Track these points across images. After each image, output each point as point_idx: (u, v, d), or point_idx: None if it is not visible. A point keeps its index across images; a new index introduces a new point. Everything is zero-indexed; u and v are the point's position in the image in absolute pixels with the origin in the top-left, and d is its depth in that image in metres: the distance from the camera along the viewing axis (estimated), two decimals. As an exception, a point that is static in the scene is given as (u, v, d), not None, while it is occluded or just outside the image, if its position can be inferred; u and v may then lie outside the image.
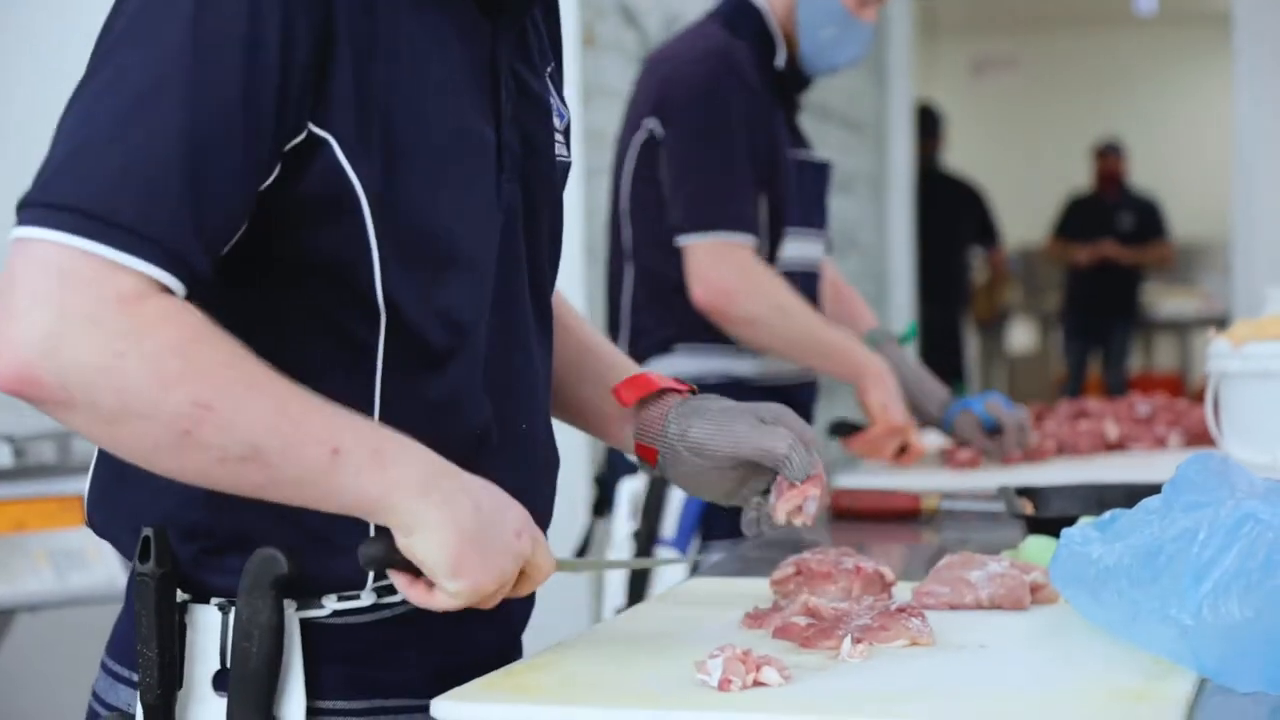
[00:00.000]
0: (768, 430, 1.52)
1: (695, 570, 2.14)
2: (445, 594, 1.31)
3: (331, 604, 1.38)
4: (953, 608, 1.56)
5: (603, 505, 2.87)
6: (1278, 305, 2.40)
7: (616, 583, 2.72)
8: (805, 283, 2.92)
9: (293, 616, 1.37)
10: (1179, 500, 1.32)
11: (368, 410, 1.36)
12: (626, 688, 1.31)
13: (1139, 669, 1.32)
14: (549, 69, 1.55)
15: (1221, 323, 10.10)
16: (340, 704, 1.39)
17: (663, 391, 1.59)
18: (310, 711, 1.37)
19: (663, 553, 2.65)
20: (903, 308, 7.57)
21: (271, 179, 1.30)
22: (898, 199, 7.56)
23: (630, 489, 2.73)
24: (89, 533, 3.10)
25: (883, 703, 1.25)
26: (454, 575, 1.30)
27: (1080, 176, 10.07)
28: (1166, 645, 1.31)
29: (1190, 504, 1.30)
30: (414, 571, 1.32)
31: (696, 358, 2.85)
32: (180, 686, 1.37)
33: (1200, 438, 3.03)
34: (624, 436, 1.61)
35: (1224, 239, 9.04)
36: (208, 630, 1.37)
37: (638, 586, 2.67)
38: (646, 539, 2.66)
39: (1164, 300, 10.95)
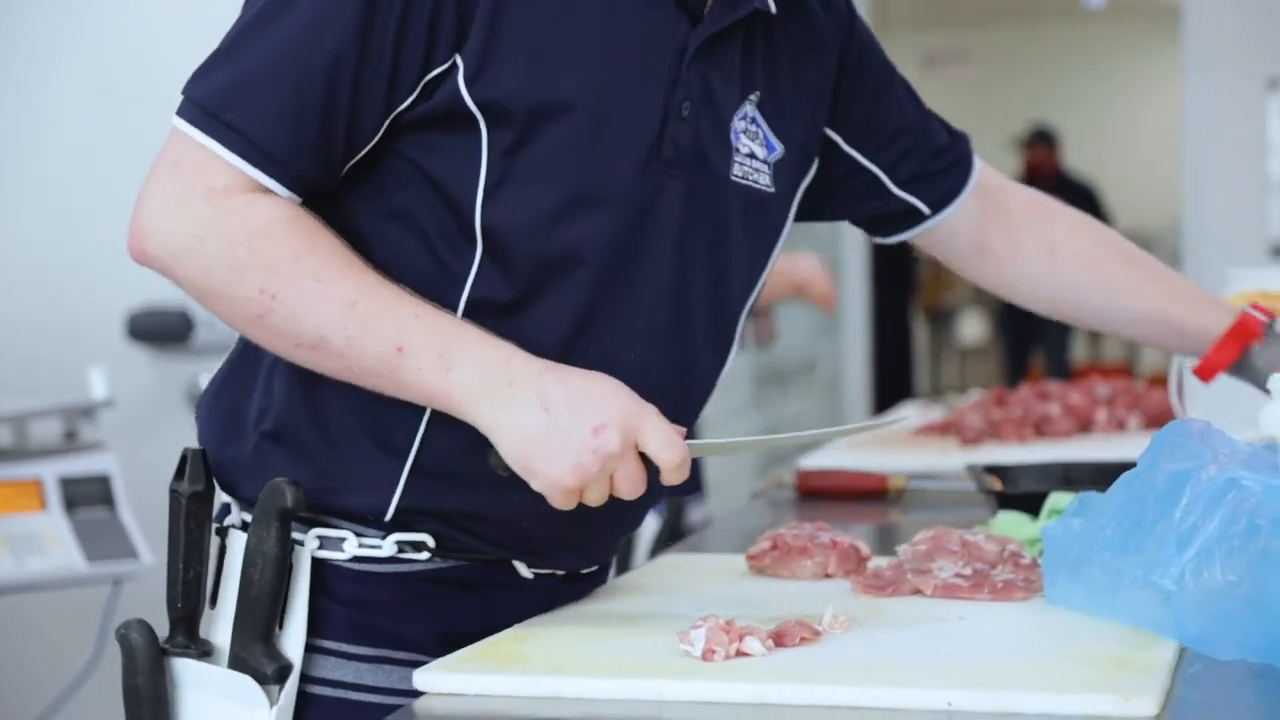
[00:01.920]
0: None
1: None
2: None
3: (352, 549, 1.42)
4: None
5: None
6: (1239, 286, 2.41)
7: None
8: None
9: (306, 552, 1.40)
10: (1160, 469, 1.33)
11: None
12: (609, 659, 1.31)
13: (1119, 639, 1.32)
14: (756, 95, 1.53)
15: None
16: (345, 646, 1.42)
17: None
18: (312, 649, 1.40)
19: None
20: (856, 298, 7.58)
21: (407, 103, 1.38)
22: (851, 189, 7.56)
23: None
24: (47, 518, 3.08)
25: (866, 671, 1.25)
26: (527, 474, 1.33)
27: (1032, 168, 10.11)
28: (1148, 613, 1.32)
29: (1172, 472, 1.31)
30: None
31: None
32: (213, 605, 1.42)
33: (1158, 420, 3.05)
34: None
35: (1173, 228, 9.10)
36: (238, 555, 1.41)
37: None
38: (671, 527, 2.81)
39: (1112, 291, 10.98)
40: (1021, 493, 1.94)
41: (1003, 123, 11.38)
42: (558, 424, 1.32)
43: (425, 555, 1.43)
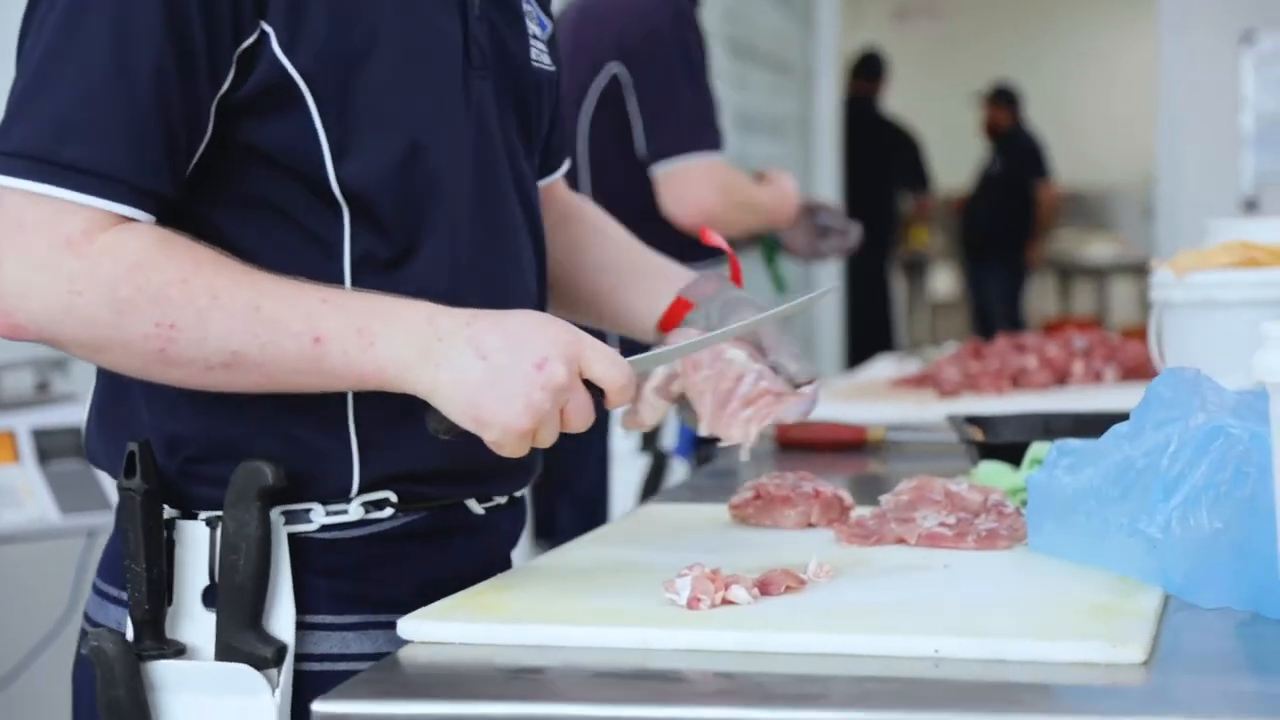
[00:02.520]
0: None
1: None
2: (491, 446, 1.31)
3: (320, 518, 1.39)
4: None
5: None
6: (1219, 238, 2.41)
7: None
8: None
9: (280, 530, 1.37)
10: (1149, 419, 1.32)
11: None
12: (593, 608, 1.30)
13: (1104, 586, 1.32)
14: None
15: (1140, 268, 10.22)
16: (330, 618, 1.40)
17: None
18: (300, 625, 1.38)
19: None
20: (829, 251, 7.57)
21: (227, 83, 1.32)
22: (824, 142, 7.54)
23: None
24: (20, 470, 3.06)
25: (852, 619, 1.24)
26: (479, 426, 1.29)
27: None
28: (1133, 561, 1.32)
29: (1160, 420, 1.31)
30: None
31: None
32: (170, 603, 1.37)
33: (1134, 372, 3.05)
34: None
35: (1146, 182, 9.12)
36: (196, 545, 1.38)
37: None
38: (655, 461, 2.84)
39: (1082, 246, 11.03)
40: (1003, 443, 1.93)
41: (974, 77, 11.37)
42: (499, 368, 1.29)
43: (390, 512, 1.41)
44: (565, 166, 1.71)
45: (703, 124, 3.13)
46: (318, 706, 1.13)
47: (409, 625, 1.28)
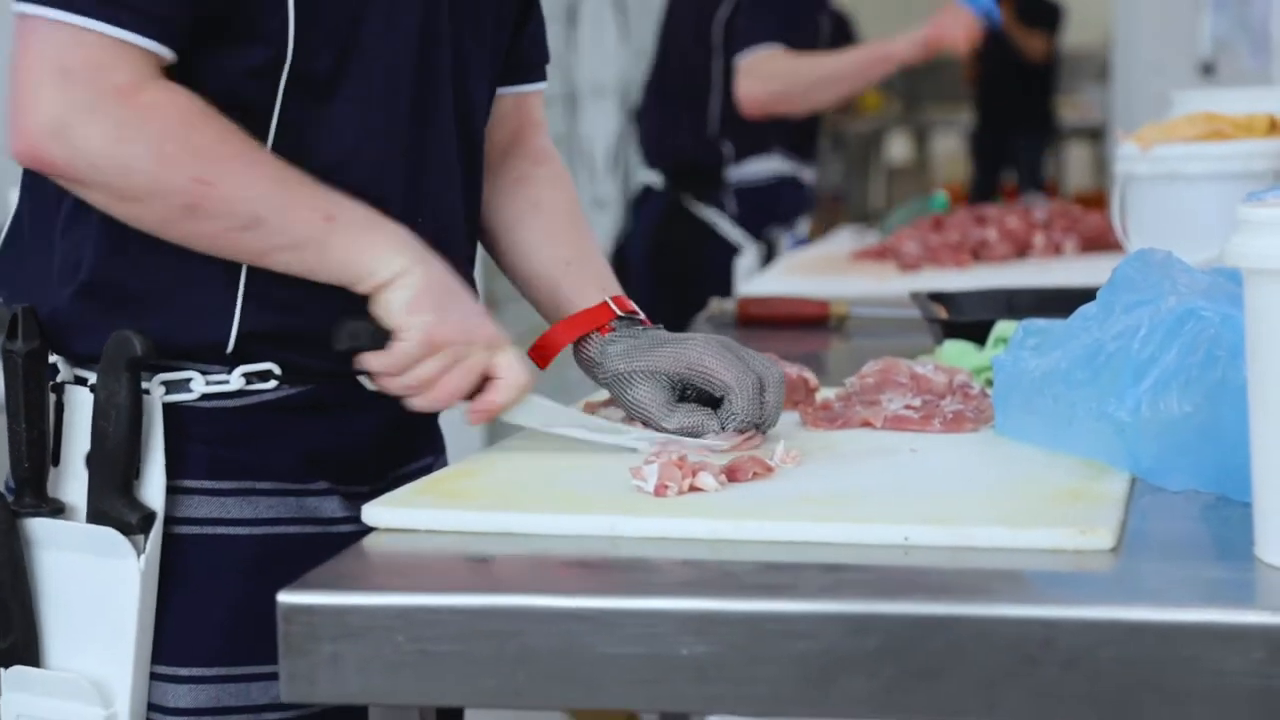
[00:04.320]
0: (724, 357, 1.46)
1: None
2: (402, 340, 1.36)
3: (200, 387, 1.40)
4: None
5: None
6: (1183, 109, 2.39)
7: None
8: None
9: (156, 399, 1.39)
10: (1119, 301, 1.31)
11: None
12: (560, 494, 1.29)
13: (1072, 470, 1.32)
14: None
15: (1096, 133, 10.17)
16: (208, 483, 1.41)
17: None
18: (174, 490, 1.40)
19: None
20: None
21: None
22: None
23: None
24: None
25: (821, 506, 1.24)
26: (414, 310, 1.36)
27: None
28: (1101, 445, 1.31)
29: (1130, 303, 1.30)
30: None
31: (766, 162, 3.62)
32: (56, 463, 1.40)
33: (1095, 242, 3.05)
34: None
35: (1105, 45, 9.06)
36: (81, 409, 1.40)
37: None
38: None
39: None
40: (968, 321, 1.92)
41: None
42: (459, 295, 1.40)
43: (272, 384, 1.42)
44: (540, 84, 1.67)
45: (764, 17, 3.45)
46: (283, 597, 1.12)
47: (373, 512, 1.27)
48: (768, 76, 3.45)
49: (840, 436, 1.48)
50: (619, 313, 1.52)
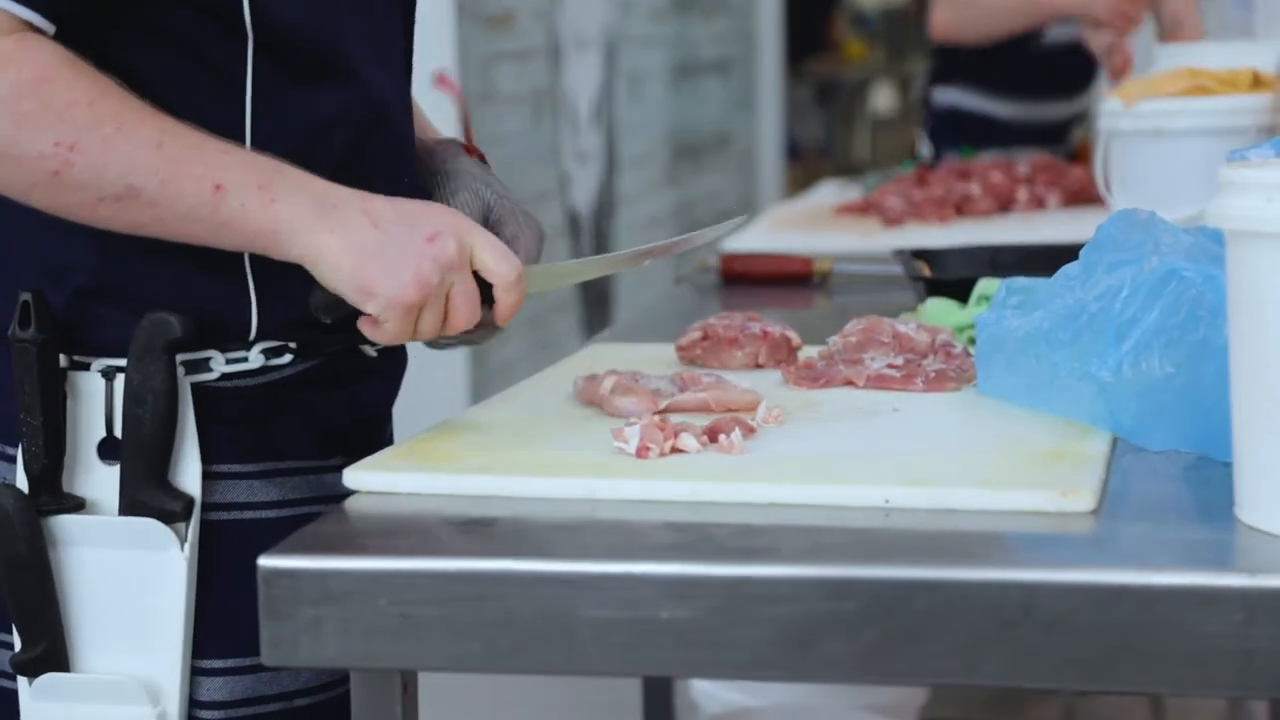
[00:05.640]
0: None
1: None
2: (370, 320, 1.30)
3: (221, 367, 1.36)
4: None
5: None
6: (1168, 63, 2.38)
7: None
8: None
9: (184, 381, 1.34)
10: (1101, 261, 1.31)
11: (239, 136, 1.32)
12: (542, 457, 1.29)
13: (1052, 430, 1.32)
14: None
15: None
16: (235, 467, 1.38)
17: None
18: (206, 475, 1.35)
19: None
20: (770, 70, 7.50)
21: None
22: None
23: None
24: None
25: (803, 467, 1.24)
26: (364, 294, 1.28)
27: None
28: (1082, 405, 1.31)
29: (1113, 263, 1.29)
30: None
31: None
32: (64, 456, 1.34)
33: (1077, 196, 3.04)
34: None
35: None
36: (91, 397, 1.34)
37: None
38: None
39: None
40: (950, 279, 1.92)
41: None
42: (390, 237, 1.28)
43: (289, 358, 1.38)
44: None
45: None
46: (264, 561, 1.12)
47: (355, 475, 1.27)
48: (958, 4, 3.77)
49: (822, 396, 1.48)
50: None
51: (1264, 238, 1.05)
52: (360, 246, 1.27)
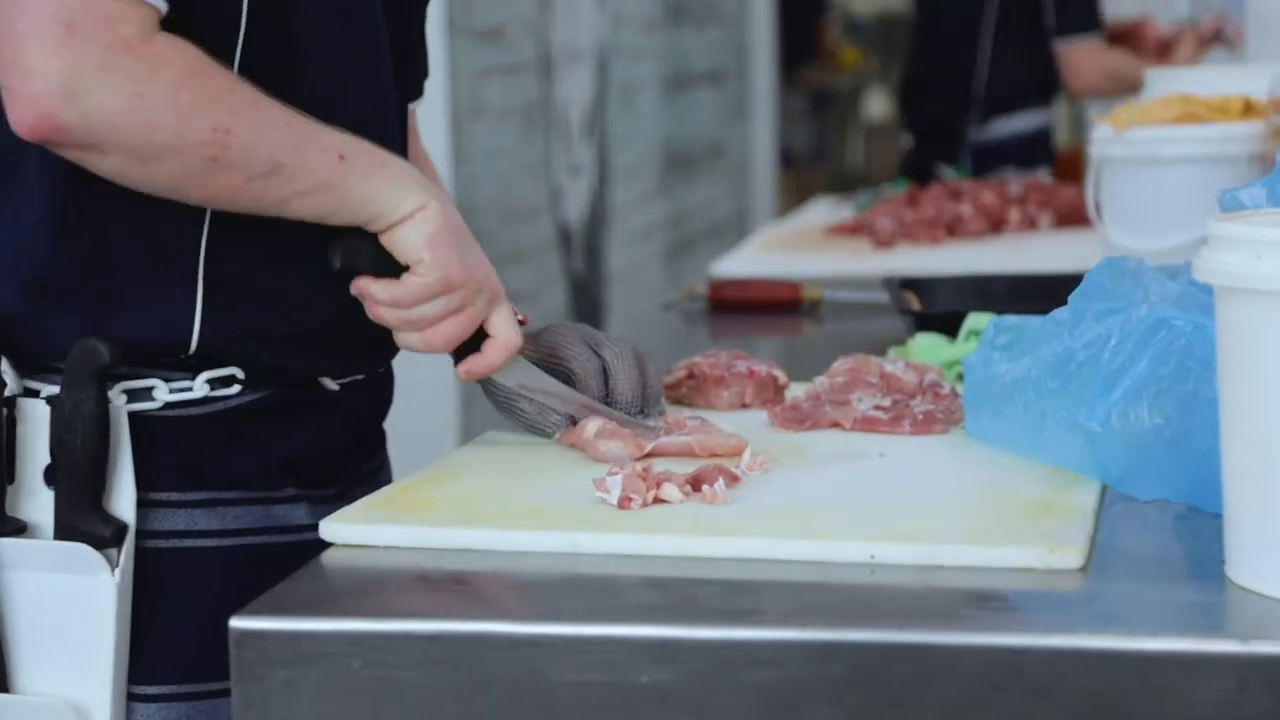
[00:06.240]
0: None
1: None
2: (419, 274, 1.36)
3: (164, 396, 1.37)
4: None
5: None
6: (1161, 89, 2.37)
7: None
8: None
9: (121, 409, 1.35)
10: (1090, 309, 1.29)
11: None
12: (522, 508, 1.27)
13: (1040, 478, 1.30)
14: None
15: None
16: (174, 495, 1.38)
17: None
18: (144, 503, 1.36)
19: None
20: (763, 80, 7.49)
21: None
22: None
23: None
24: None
25: (787, 521, 1.21)
26: (429, 248, 1.35)
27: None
28: (1071, 455, 1.29)
29: (1102, 311, 1.27)
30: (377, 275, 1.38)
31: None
32: (11, 481, 1.35)
33: (1069, 217, 3.03)
34: None
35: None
36: (37, 423, 1.35)
37: None
38: None
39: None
40: (940, 313, 1.90)
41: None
42: (469, 237, 1.39)
43: (236, 389, 1.38)
44: (420, 99, 1.63)
45: (1093, 6, 4.13)
46: (235, 622, 1.10)
47: (331, 528, 1.25)
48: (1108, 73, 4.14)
49: (809, 439, 1.46)
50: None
51: (1253, 294, 1.03)
52: (451, 221, 1.37)
